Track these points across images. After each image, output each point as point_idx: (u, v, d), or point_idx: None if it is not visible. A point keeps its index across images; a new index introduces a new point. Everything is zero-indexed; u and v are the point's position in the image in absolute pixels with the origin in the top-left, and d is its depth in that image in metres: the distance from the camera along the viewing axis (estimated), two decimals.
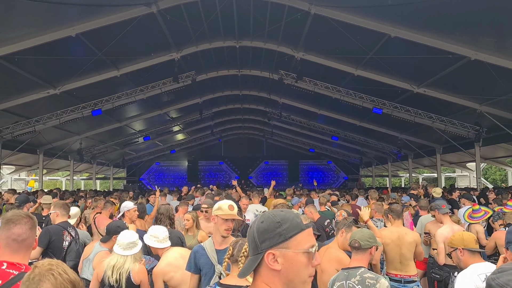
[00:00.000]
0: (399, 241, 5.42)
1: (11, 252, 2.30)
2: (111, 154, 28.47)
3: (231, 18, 12.97)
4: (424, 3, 9.57)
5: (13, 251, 2.30)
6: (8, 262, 2.25)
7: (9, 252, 2.30)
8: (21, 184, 32.34)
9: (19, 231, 2.32)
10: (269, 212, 1.60)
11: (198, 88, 18.54)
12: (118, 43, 12.23)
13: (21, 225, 2.34)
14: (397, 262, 5.41)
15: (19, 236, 2.32)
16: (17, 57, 11.43)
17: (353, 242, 3.49)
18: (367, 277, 3.25)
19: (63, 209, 5.42)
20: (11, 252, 2.30)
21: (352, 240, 3.50)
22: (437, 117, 16.47)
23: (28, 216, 2.41)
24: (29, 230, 2.37)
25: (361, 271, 3.31)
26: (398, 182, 39.24)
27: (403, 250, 5.37)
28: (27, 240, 2.34)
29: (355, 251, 3.48)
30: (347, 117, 21.25)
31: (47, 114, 16.44)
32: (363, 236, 3.49)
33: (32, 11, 9.97)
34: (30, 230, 2.37)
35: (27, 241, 2.34)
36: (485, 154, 19.69)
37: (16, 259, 2.29)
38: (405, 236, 5.45)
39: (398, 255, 5.40)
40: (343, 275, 3.35)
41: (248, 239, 1.58)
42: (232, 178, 35.36)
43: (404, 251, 5.37)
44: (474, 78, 12.87)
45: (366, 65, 14.15)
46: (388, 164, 28.76)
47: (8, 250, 2.30)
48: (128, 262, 3.93)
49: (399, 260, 5.40)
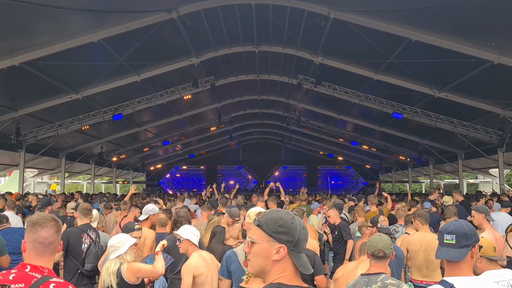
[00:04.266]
0: (428, 246, 5.30)
1: (36, 255, 2.29)
2: (131, 158, 28.81)
3: (250, 23, 13.01)
4: (445, 7, 9.44)
5: (39, 254, 2.30)
6: (31, 265, 2.25)
7: (34, 255, 2.29)
8: (43, 187, 32.96)
9: (45, 234, 2.32)
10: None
11: (217, 93, 18.63)
12: (138, 48, 12.40)
13: (47, 228, 2.33)
14: (424, 268, 5.32)
15: (45, 239, 2.31)
16: (41, 62, 11.70)
17: (376, 252, 3.43)
18: (389, 283, 3.20)
19: (85, 212, 5.47)
20: (37, 255, 2.29)
21: (376, 249, 3.44)
22: (459, 122, 16.17)
23: (54, 219, 2.41)
24: (55, 234, 2.36)
25: (382, 277, 3.26)
26: (418, 188, 38.61)
27: (432, 256, 5.22)
28: (53, 244, 2.34)
29: (377, 259, 3.43)
30: (367, 122, 21.06)
31: (69, 119, 16.74)
32: (386, 244, 3.44)
33: (55, 18, 10.20)
34: (56, 234, 2.37)
35: (53, 244, 2.34)
36: (509, 160, 19.21)
37: (41, 262, 2.28)
38: (434, 241, 5.32)
39: (426, 261, 5.30)
40: (363, 281, 3.30)
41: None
42: (250, 182, 35.56)
43: (432, 257, 5.24)
44: (497, 82, 12.61)
45: (386, 69, 14.02)
46: (409, 169, 28.35)
47: (34, 253, 2.29)
48: (114, 265, 4.08)
49: (426, 266, 5.30)
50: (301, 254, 1.69)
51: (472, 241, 2.35)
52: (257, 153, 34.80)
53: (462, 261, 2.34)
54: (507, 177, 32.54)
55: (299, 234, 1.67)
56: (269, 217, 1.72)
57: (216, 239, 5.16)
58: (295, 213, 1.76)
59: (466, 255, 2.34)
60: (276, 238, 1.68)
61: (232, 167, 36.00)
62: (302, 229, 1.69)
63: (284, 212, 1.74)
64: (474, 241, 2.37)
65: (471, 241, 2.35)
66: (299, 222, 1.70)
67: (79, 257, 5.10)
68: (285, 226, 1.68)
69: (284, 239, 1.67)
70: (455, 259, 2.34)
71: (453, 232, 2.39)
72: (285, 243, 1.67)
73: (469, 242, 2.35)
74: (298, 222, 1.70)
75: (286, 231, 1.67)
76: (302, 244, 1.69)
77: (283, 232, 1.67)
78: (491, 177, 28.77)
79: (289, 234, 1.67)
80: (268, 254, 1.68)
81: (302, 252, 1.69)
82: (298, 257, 1.68)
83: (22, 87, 13.67)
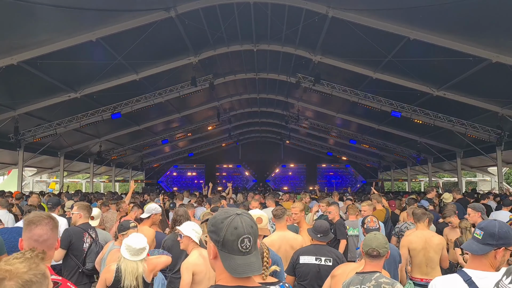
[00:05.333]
0: (426, 244, 5.34)
1: None
2: (130, 157, 28.83)
3: (249, 22, 13.02)
4: (443, 6, 9.45)
5: None
6: None
7: None
8: (42, 186, 32.95)
9: (40, 232, 2.36)
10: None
11: (216, 91, 18.64)
12: (137, 47, 12.41)
13: (42, 226, 2.38)
14: (424, 266, 5.34)
15: (40, 236, 2.36)
16: (40, 61, 11.71)
17: (371, 251, 3.43)
18: (383, 282, 3.21)
19: (85, 211, 5.48)
20: None
21: (370, 248, 3.44)
22: (457, 120, 16.21)
23: (49, 217, 2.45)
24: (50, 231, 2.40)
25: (377, 276, 3.27)
26: (417, 187, 38.68)
27: (431, 253, 5.30)
28: (48, 241, 2.38)
29: (372, 258, 3.44)
30: (365, 121, 21.09)
31: (68, 118, 16.75)
32: (380, 244, 3.44)
33: (53, 17, 10.20)
34: (51, 231, 2.41)
35: (48, 241, 2.38)
36: (507, 158, 19.25)
37: None
38: (432, 238, 5.39)
39: (425, 259, 5.33)
40: (357, 279, 3.31)
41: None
42: (249, 181, 35.62)
43: (431, 254, 5.30)
44: (495, 81, 12.64)
45: (385, 68, 14.03)
46: (407, 168, 28.39)
47: None
48: (141, 267, 4.05)
49: (426, 263, 5.33)
50: (232, 255, 1.61)
51: (498, 242, 2.39)
52: (256, 152, 34.86)
53: (484, 257, 2.40)
54: (505, 175, 32.60)
55: (225, 233, 1.61)
56: (213, 216, 1.74)
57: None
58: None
59: (486, 251, 2.39)
60: (210, 237, 1.68)
61: (231, 165, 36.04)
62: (234, 229, 1.61)
63: (225, 211, 1.70)
64: (502, 244, 2.40)
65: (497, 242, 2.39)
66: (231, 222, 1.62)
67: (80, 256, 5.12)
68: (215, 225, 1.66)
69: (213, 238, 1.66)
70: (473, 252, 2.42)
71: (483, 229, 2.46)
72: (214, 242, 1.66)
73: (495, 242, 2.39)
74: (230, 222, 1.62)
75: (215, 230, 1.65)
76: (231, 245, 1.61)
77: (213, 231, 1.66)
78: (490, 175, 28.82)
79: (216, 233, 1.64)
80: (209, 253, 1.70)
81: (234, 253, 1.61)
82: (227, 258, 1.62)
83: (20, 86, 13.66)
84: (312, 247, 4.65)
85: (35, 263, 1.61)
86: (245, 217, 1.67)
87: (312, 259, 4.53)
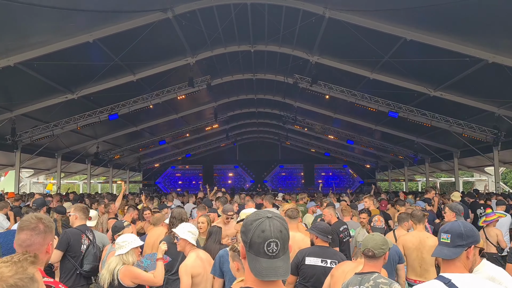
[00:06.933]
0: (420, 245, 5.37)
1: None
2: (127, 158, 28.78)
3: (246, 23, 13.03)
4: (440, 6, 9.47)
5: None
6: None
7: None
8: (39, 188, 32.84)
9: (23, 237, 2.33)
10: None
11: (213, 92, 18.63)
12: (134, 48, 12.39)
13: (27, 230, 2.34)
14: (417, 266, 5.36)
15: (23, 242, 2.32)
16: (36, 63, 11.69)
17: (366, 251, 3.45)
18: (381, 282, 3.23)
19: (83, 212, 5.47)
20: None
21: (366, 249, 3.46)
22: (454, 120, 16.26)
23: (39, 222, 2.39)
24: (35, 236, 2.34)
25: (375, 276, 3.29)
26: (415, 187, 38.75)
27: (424, 254, 5.33)
28: (32, 246, 2.32)
29: (368, 258, 3.45)
30: (363, 121, 21.12)
31: (65, 119, 16.72)
32: (376, 244, 3.45)
33: (50, 18, 10.17)
34: (36, 236, 2.35)
35: (31, 247, 2.31)
36: (504, 158, 19.32)
37: None
38: (427, 240, 5.41)
39: (418, 260, 5.35)
40: (356, 280, 3.33)
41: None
42: (247, 182, 35.62)
43: (425, 255, 5.32)
44: (492, 81, 12.69)
45: (382, 68, 14.06)
46: (405, 168, 28.45)
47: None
48: (115, 263, 4.09)
49: (419, 264, 5.34)
50: (258, 257, 1.60)
51: (467, 241, 2.35)
52: (254, 152, 34.85)
53: (457, 260, 2.34)
54: (502, 175, 32.68)
55: (252, 235, 1.60)
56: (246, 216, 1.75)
57: (212, 239, 5.16)
58: (276, 214, 1.68)
59: (459, 254, 2.34)
60: (241, 237, 1.69)
61: (229, 166, 36.03)
62: (261, 232, 1.60)
63: (257, 213, 1.69)
64: (471, 242, 2.36)
65: (466, 242, 2.35)
66: (260, 224, 1.61)
67: (78, 258, 5.10)
68: (245, 226, 1.66)
69: (242, 239, 1.67)
70: (447, 258, 2.35)
71: (449, 232, 2.41)
72: (243, 242, 1.67)
73: (464, 242, 2.35)
74: (258, 225, 1.61)
75: (244, 230, 1.66)
76: (257, 247, 1.59)
77: (243, 232, 1.67)
78: (487, 175, 28.90)
79: (245, 234, 1.65)
80: (241, 252, 1.71)
81: (260, 255, 1.59)
82: (253, 259, 1.61)
83: (17, 87, 13.63)
84: (317, 248, 4.61)
85: (22, 267, 1.59)
86: (275, 221, 1.64)
87: (318, 261, 4.49)
